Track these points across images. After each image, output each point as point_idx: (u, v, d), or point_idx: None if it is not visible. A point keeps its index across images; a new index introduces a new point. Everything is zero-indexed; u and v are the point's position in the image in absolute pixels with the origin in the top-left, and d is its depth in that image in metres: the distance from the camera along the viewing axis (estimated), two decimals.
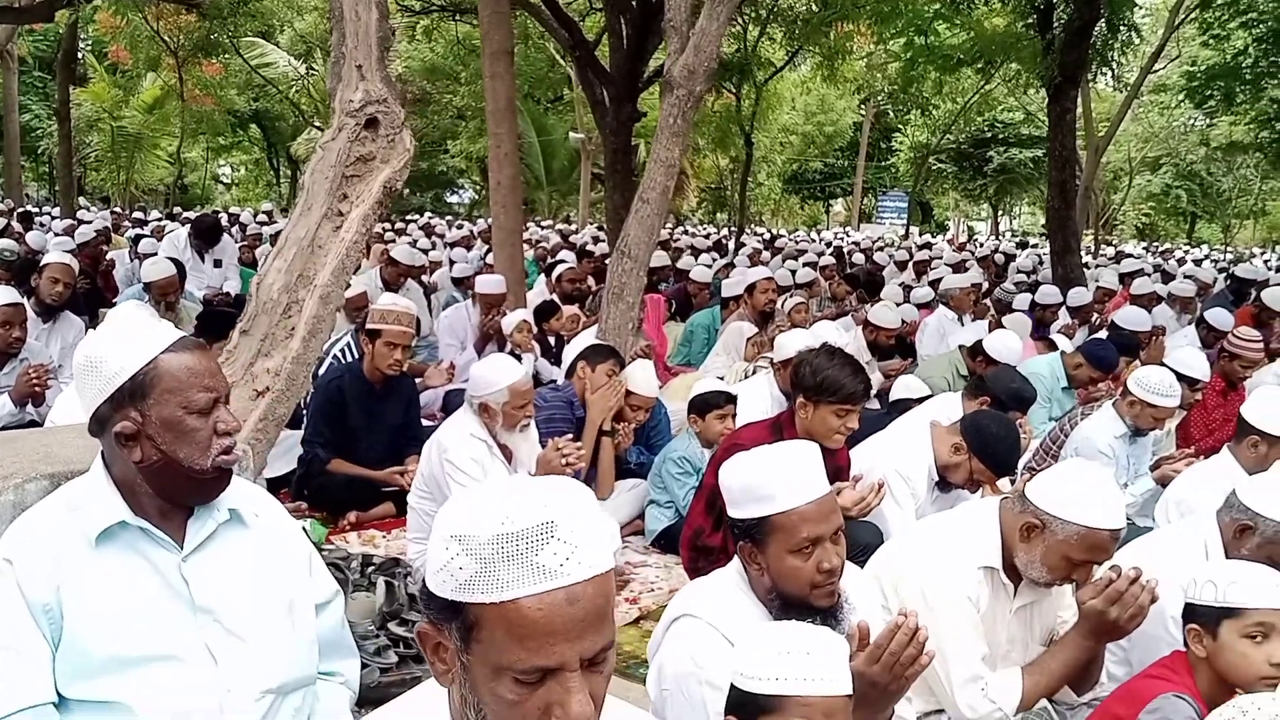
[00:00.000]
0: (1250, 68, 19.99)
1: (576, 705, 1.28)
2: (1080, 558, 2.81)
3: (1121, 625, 2.75)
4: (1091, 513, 2.77)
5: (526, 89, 30.27)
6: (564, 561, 1.27)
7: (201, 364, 2.08)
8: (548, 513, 1.28)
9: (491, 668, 1.29)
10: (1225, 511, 3.17)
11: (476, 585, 1.27)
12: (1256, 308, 9.33)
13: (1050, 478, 2.91)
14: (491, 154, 8.77)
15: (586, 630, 1.28)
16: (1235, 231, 43.12)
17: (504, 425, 4.45)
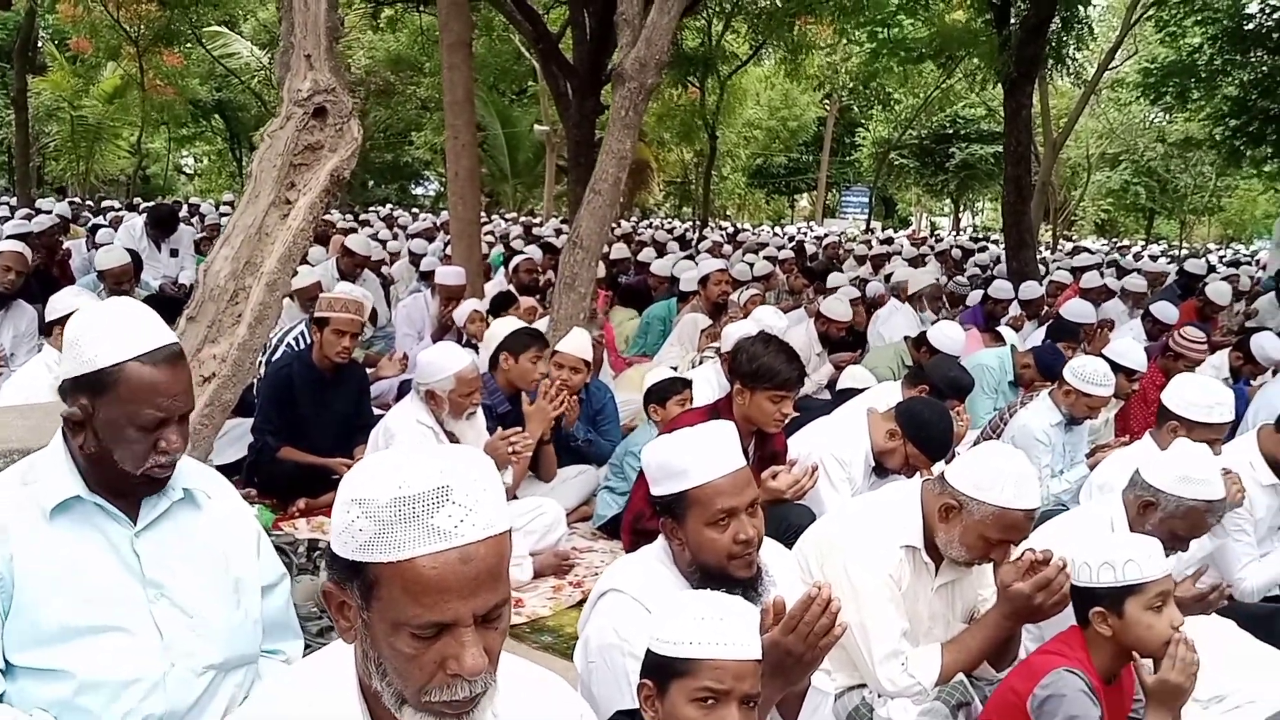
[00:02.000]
0: (1205, 65, 20.26)
1: (470, 658, 1.37)
2: (996, 537, 2.91)
3: (1045, 610, 2.87)
4: (1006, 494, 2.87)
5: (491, 81, 30.26)
6: (459, 523, 1.35)
7: (166, 382, 2.07)
8: (444, 477, 1.36)
9: (390, 624, 1.37)
10: (1129, 490, 3.32)
11: (375, 546, 1.35)
12: (1200, 301, 9.53)
13: (967, 460, 3.02)
14: (449, 145, 8.81)
15: (480, 588, 1.37)
16: (1192, 227, 43.66)
17: (451, 413, 4.51)
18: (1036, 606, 2.86)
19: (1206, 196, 38.12)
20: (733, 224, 34.40)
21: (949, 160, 37.57)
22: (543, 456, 5.33)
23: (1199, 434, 4.01)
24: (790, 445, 4.64)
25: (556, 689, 1.76)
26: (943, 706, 2.90)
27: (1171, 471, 3.21)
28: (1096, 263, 14.15)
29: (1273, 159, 21.23)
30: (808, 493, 4.10)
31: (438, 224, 17.22)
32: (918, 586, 3.06)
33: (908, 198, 49.43)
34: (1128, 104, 32.92)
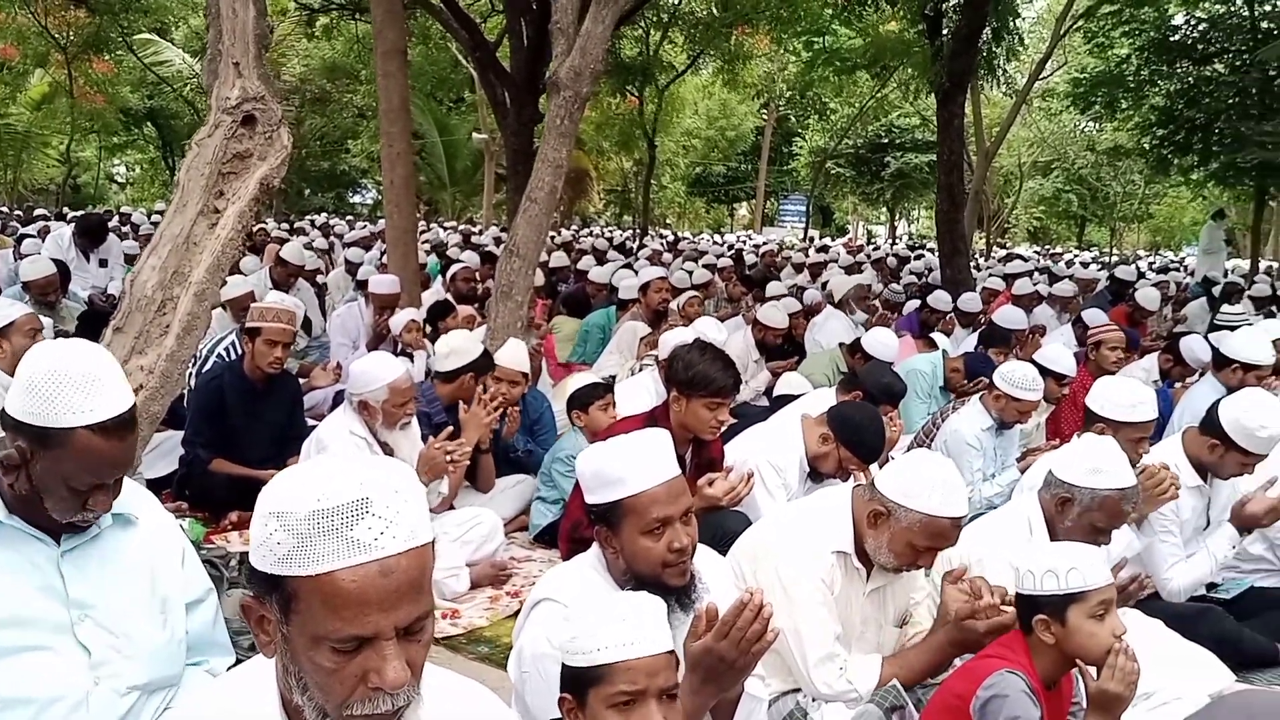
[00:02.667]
0: (1133, 76, 20.71)
1: (392, 672, 1.35)
2: (924, 544, 2.95)
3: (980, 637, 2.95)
4: (933, 501, 2.90)
5: (429, 90, 30.09)
6: (378, 535, 1.34)
7: (113, 453, 2.05)
8: (363, 489, 1.35)
9: (310, 638, 1.36)
10: (1045, 489, 3.37)
11: (294, 559, 1.33)
12: (1130, 307, 9.73)
13: (896, 467, 3.05)
14: (385, 153, 8.76)
15: (401, 600, 1.36)
16: (1122, 235, 44.53)
17: (384, 423, 4.46)
18: (978, 640, 2.94)
19: (1136, 204, 38.90)
20: (673, 232, 34.52)
21: (884, 169, 37.97)
22: (480, 466, 5.30)
23: (1125, 433, 4.09)
24: (727, 452, 4.66)
25: (482, 700, 1.75)
26: (876, 709, 2.92)
27: (1082, 465, 3.27)
28: (1028, 270, 14.36)
29: (1199, 167, 21.73)
30: (743, 499, 4.13)
31: (375, 232, 17.07)
32: (850, 591, 3.09)
33: (844, 206, 49.90)
34: (1058, 113, 33.52)
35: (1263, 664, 4.13)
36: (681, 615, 2.50)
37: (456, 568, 4.55)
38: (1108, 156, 33.89)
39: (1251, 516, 3.99)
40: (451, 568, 4.53)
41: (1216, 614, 4.10)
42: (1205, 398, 5.06)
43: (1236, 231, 32.68)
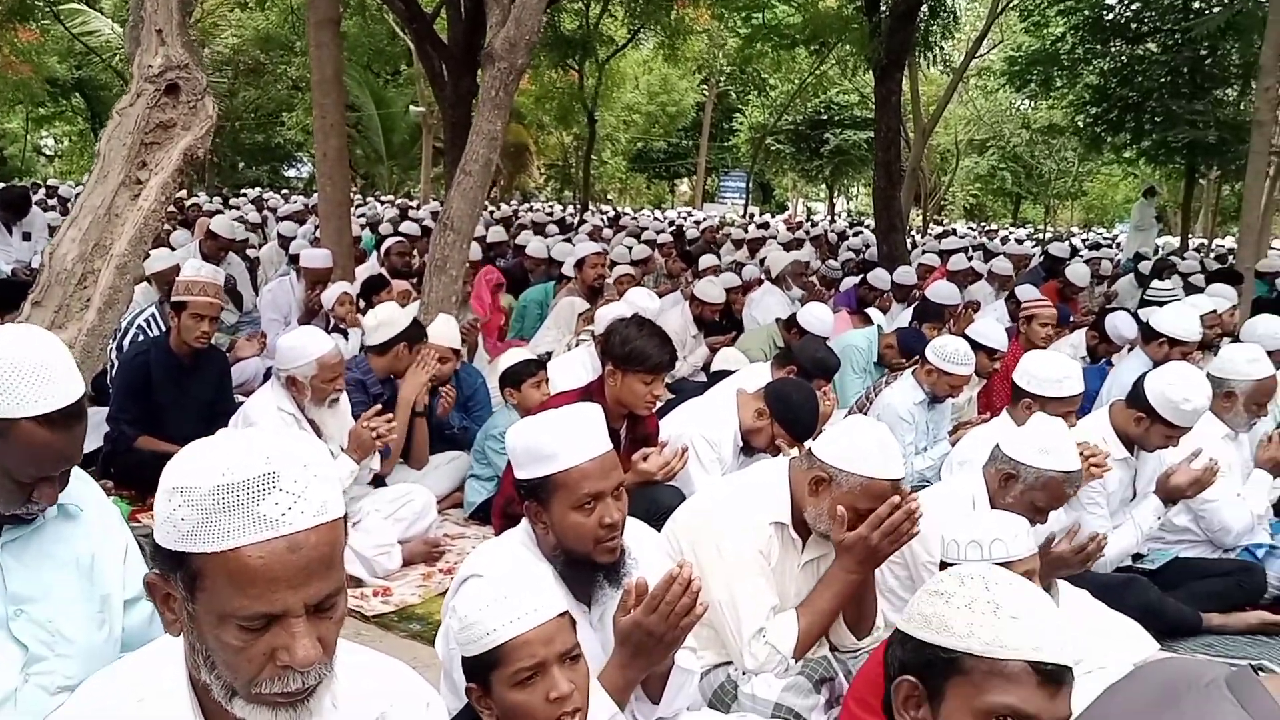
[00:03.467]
0: (1068, 54, 20.95)
1: (301, 650, 1.32)
2: (865, 507, 2.94)
3: (882, 551, 2.91)
4: (872, 463, 2.93)
5: (365, 62, 29.72)
6: (286, 511, 1.30)
7: (58, 445, 1.96)
8: (270, 464, 1.31)
9: (216, 615, 1.32)
10: (990, 464, 3.41)
11: (198, 536, 1.29)
12: (1061, 283, 9.87)
13: (834, 434, 3.06)
14: (318, 125, 8.62)
15: (311, 577, 1.32)
16: (1056, 212, 45.17)
17: (312, 399, 4.39)
18: (874, 548, 2.89)
19: (1070, 182, 39.45)
20: (614, 208, 34.44)
21: (823, 146, 38.12)
22: (414, 440, 5.25)
23: (1052, 408, 4.14)
24: (662, 427, 4.66)
25: (401, 675, 1.72)
26: (806, 681, 2.93)
27: (1030, 444, 3.30)
28: (963, 246, 14.51)
29: (1131, 145, 22.08)
30: (677, 474, 4.13)
31: (309, 206, 16.83)
32: (785, 563, 3.10)
33: (784, 183, 50.08)
34: (994, 91, 33.84)
35: (1186, 633, 4.22)
36: (611, 590, 2.50)
37: (388, 545, 4.50)
38: (1042, 134, 34.34)
39: (1176, 488, 4.06)
40: (383, 545, 4.48)
41: (1142, 584, 4.18)
42: (1133, 372, 5.14)
43: (1167, 209, 33.29)
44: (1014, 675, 1.63)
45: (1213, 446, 4.31)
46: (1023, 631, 1.65)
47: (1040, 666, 1.64)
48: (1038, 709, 1.63)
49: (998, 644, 1.64)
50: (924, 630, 1.72)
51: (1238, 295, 8.72)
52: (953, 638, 1.68)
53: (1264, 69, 10.16)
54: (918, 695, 1.72)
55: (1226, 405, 4.63)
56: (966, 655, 1.66)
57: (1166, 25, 19.97)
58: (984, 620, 1.66)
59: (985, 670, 1.64)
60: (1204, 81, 19.75)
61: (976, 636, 1.65)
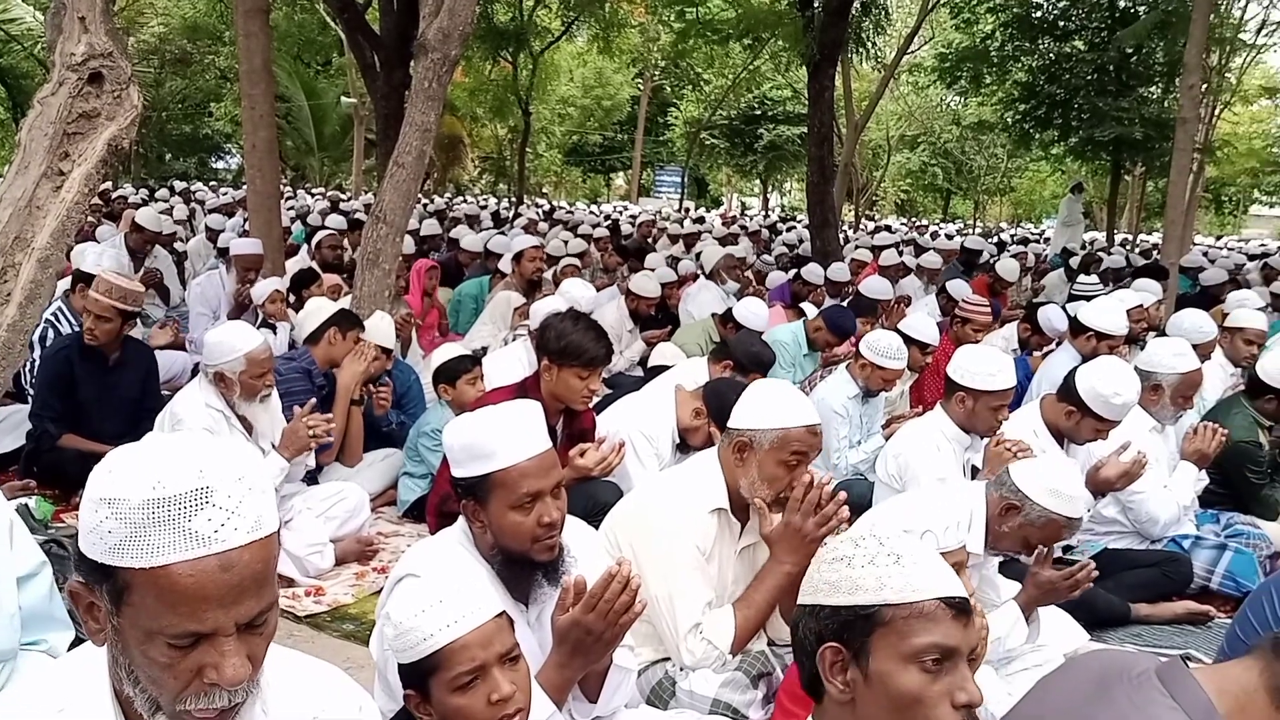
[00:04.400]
0: (997, 51, 21.29)
1: (230, 669, 1.28)
2: (790, 458, 2.99)
3: (809, 535, 2.90)
4: (784, 414, 3.00)
5: (296, 52, 29.31)
6: (219, 528, 1.26)
7: None
8: (203, 478, 1.27)
9: (143, 631, 1.27)
10: (996, 487, 3.34)
11: (126, 550, 1.24)
12: (990, 278, 10.01)
13: (743, 400, 3.12)
14: (246, 116, 8.46)
15: (242, 595, 1.28)
16: (986, 207, 45.86)
17: (242, 395, 4.29)
18: (801, 532, 2.90)
19: (998, 177, 40.14)
20: (549, 201, 34.31)
21: (757, 141, 38.32)
22: (350, 431, 5.17)
23: (984, 401, 4.19)
24: (600, 421, 4.64)
25: (333, 680, 1.68)
26: (743, 677, 2.94)
27: (1043, 482, 3.24)
28: (895, 241, 14.66)
29: (1059, 142, 22.49)
30: (615, 469, 4.11)
31: (238, 199, 16.54)
32: (724, 551, 3.10)
33: (719, 178, 50.27)
34: (925, 88, 34.29)
35: (1116, 623, 4.30)
36: (549, 589, 2.47)
37: (320, 544, 4.43)
38: (972, 131, 34.90)
39: (1105, 480, 4.12)
40: (315, 544, 4.40)
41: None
42: (1063, 366, 5.21)
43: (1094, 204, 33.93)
44: (931, 614, 1.68)
45: (1140, 439, 4.38)
46: (928, 573, 1.71)
47: (950, 600, 1.70)
48: (957, 640, 1.70)
49: (910, 589, 1.69)
50: (834, 596, 1.75)
51: (1163, 290, 8.90)
52: (866, 594, 1.71)
53: (1187, 67, 10.38)
54: (842, 659, 1.74)
55: (1153, 398, 4.72)
56: (884, 606, 1.70)
57: (1093, 24, 20.39)
58: (891, 571, 1.71)
59: (905, 616, 1.69)
60: (1129, 79, 20.17)
61: (889, 587, 1.70)
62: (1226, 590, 4.49)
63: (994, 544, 3.35)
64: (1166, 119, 17.88)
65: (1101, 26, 20.06)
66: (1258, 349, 6.07)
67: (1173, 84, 18.97)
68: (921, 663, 1.68)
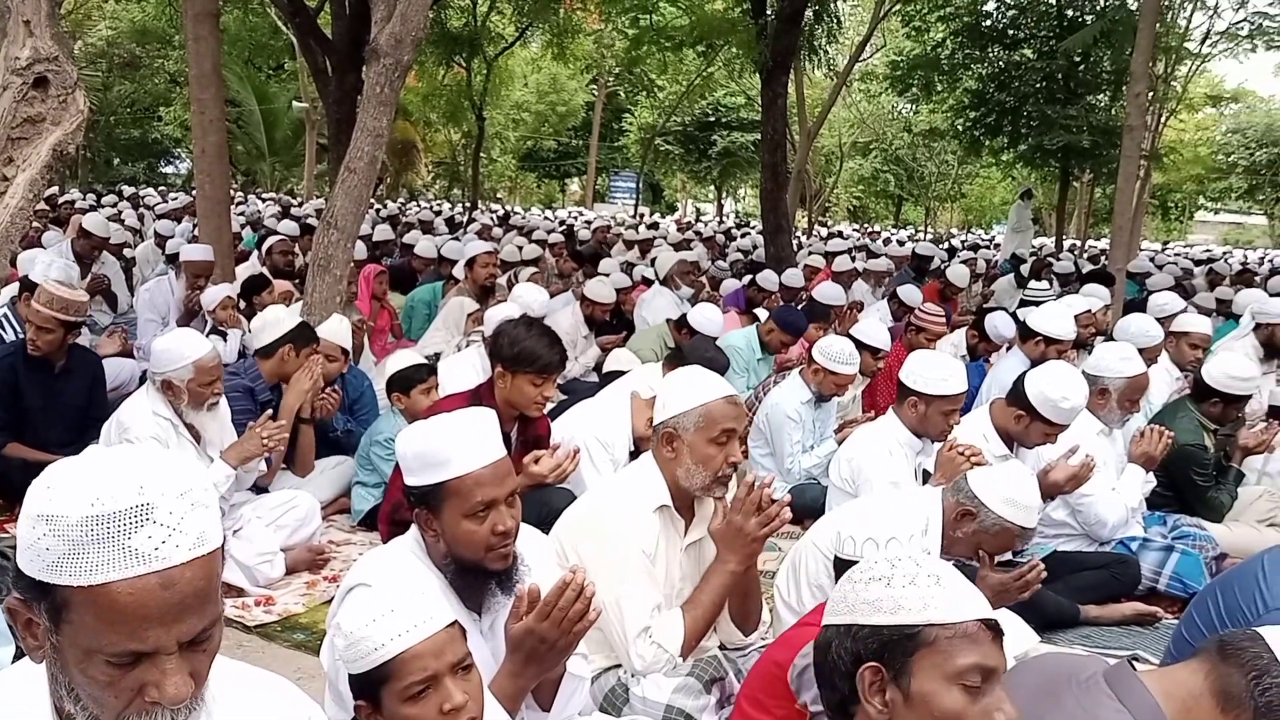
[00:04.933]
0: (948, 59, 21.51)
1: (172, 687, 1.26)
2: (719, 435, 2.99)
3: (750, 533, 2.89)
4: (698, 391, 3.02)
5: (247, 56, 29.05)
6: (160, 545, 1.24)
7: None
8: (144, 494, 1.24)
9: (83, 649, 1.25)
10: (953, 493, 3.36)
11: (65, 568, 1.22)
12: (941, 284, 10.11)
13: (661, 392, 3.15)
14: (196, 120, 8.37)
15: (185, 613, 1.26)
16: (937, 213, 46.34)
17: (190, 404, 4.23)
18: (743, 531, 2.89)
19: (949, 184, 40.55)
20: (503, 207, 34.23)
21: (711, 147, 38.50)
22: (299, 445, 5.11)
23: (936, 406, 4.23)
24: (555, 428, 4.63)
25: (281, 691, 1.66)
26: (696, 682, 2.93)
27: (1000, 491, 3.25)
28: (847, 248, 14.77)
29: (1008, 149, 22.75)
30: (569, 476, 4.10)
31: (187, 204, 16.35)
32: (669, 549, 3.09)
33: (674, 184, 50.41)
34: (877, 95, 34.61)
35: (1065, 625, 4.35)
36: (503, 598, 2.46)
37: (271, 553, 4.38)
38: (923, 138, 35.24)
39: (1054, 484, 4.16)
40: (266, 553, 4.35)
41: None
42: (1012, 370, 5.27)
43: (1043, 211, 34.38)
44: (974, 635, 1.70)
45: (1088, 443, 4.44)
46: (967, 595, 1.74)
47: (989, 623, 1.73)
48: (997, 661, 1.72)
49: (955, 609, 1.71)
50: (875, 615, 1.75)
51: (1110, 295, 9.02)
52: (909, 614, 1.72)
53: (1134, 75, 10.55)
54: (881, 679, 1.74)
55: (1101, 402, 4.77)
56: (929, 626, 1.71)
57: (1042, 32, 20.65)
58: (933, 592, 1.72)
59: (949, 636, 1.70)
60: (1077, 87, 20.46)
61: (933, 607, 1.71)
62: (1174, 591, 4.54)
63: (948, 549, 3.36)
64: (1114, 126, 18.15)
65: (1050, 35, 20.33)
66: (1202, 353, 6.17)
67: (1120, 92, 19.25)
68: (964, 683, 1.69)
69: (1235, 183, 43.57)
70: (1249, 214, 51.54)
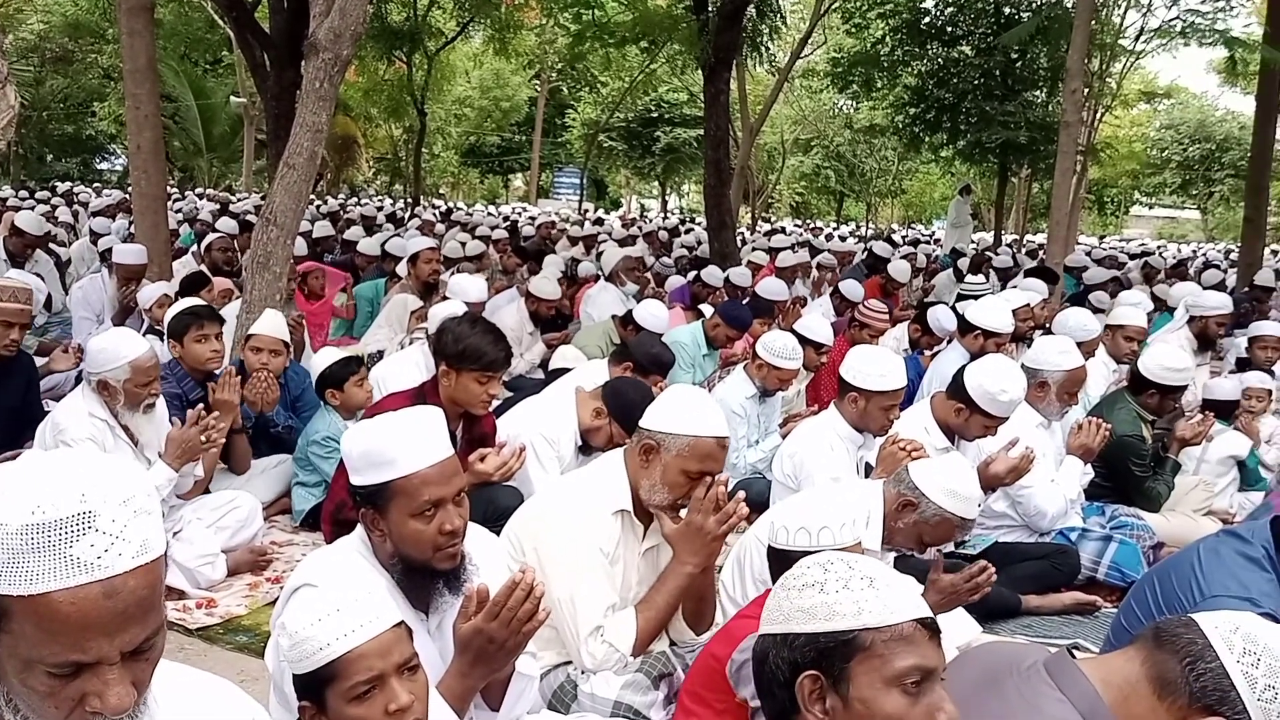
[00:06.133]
0: (888, 56, 21.69)
1: (114, 697, 1.24)
2: (695, 469, 2.98)
3: (710, 533, 2.92)
4: (696, 423, 2.98)
5: (183, 51, 28.60)
6: (102, 553, 1.21)
7: None
8: (86, 502, 1.22)
9: (22, 660, 1.22)
10: (895, 484, 3.40)
11: (4, 576, 1.19)
12: (883, 279, 10.20)
13: (657, 403, 3.12)
14: (130, 116, 8.22)
15: (128, 623, 1.24)
16: (878, 209, 46.76)
17: (126, 404, 4.15)
18: (703, 532, 2.92)
19: (890, 180, 40.95)
20: (446, 202, 34.00)
21: (655, 143, 38.56)
22: (234, 447, 5.03)
23: (876, 401, 4.27)
24: (501, 425, 4.61)
25: (223, 693, 1.64)
26: (644, 678, 2.94)
27: (940, 482, 3.30)
28: (791, 243, 14.86)
29: (948, 145, 23.00)
30: (516, 474, 4.09)
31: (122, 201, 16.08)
32: (627, 553, 3.09)
33: (618, 180, 50.41)
34: (818, 92, 34.82)
35: (1007, 615, 4.41)
36: (451, 598, 2.45)
37: (212, 555, 4.31)
38: (864, 134, 35.56)
39: (995, 476, 4.22)
40: (207, 555, 4.29)
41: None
42: (952, 364, 5.33)
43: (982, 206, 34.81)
44: (911, 636, 1.69)
45: (1028, 435, 4.51)
46: (901, 595, 1.72)
47: (925, 621, 1.72)
48: (935, 661, 1.71)
49: (889, 612, 1.70)
50: (810, 623, 1.73)
51: (1049, 291, 9.16)
52: (844, 620, 1.70)
53: (1070, 72, 10.73)
54: (820, 687, 1.73)
55: (1040, 395, 4.85)
56: (864, 631, 1.69)
57: (980, 29, 20.90)
58: (867, 595, 1.71)
59: (886, 639, 1.69)
60: (1015, 84, 20.76)
61: (868, 611, 1.70)
62: (1113, 580, 4.62)
63: (889, 540, 3.40)
64: (1051, 122, 18.43)
65: (988, 32, 20.59)
66: (1138, 346, 6.29)
67: (1056, 89, 19.56)
68: (903, 685, 1.68)
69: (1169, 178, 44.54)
70: (1182, 208, 52.57)
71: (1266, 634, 1.89)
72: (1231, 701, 1.84)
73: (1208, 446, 5.78)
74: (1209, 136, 42.11)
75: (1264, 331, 7.28)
